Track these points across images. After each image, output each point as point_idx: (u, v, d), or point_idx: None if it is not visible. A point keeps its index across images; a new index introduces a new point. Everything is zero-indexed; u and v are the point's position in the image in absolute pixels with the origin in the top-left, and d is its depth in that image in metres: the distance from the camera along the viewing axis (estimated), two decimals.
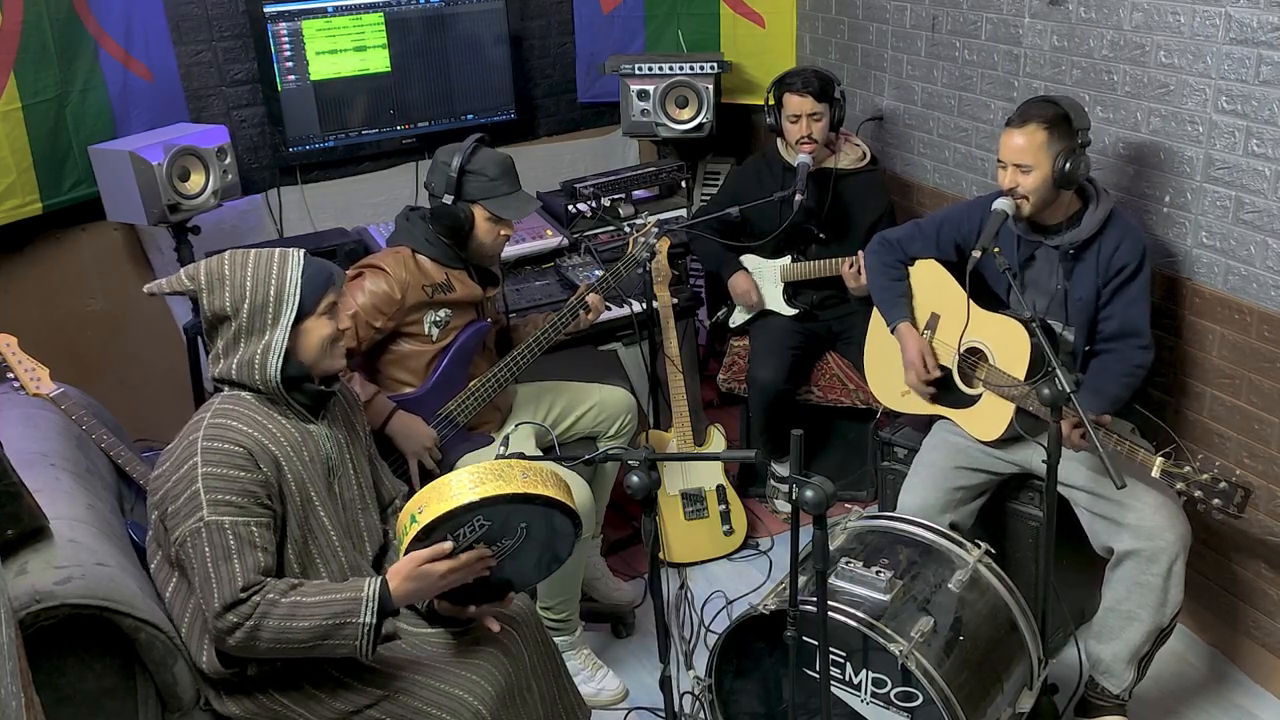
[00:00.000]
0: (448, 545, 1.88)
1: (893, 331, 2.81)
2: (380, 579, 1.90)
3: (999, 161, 2.51)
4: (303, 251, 2.03)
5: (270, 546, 1.89)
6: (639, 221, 3.13)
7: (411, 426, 2.61)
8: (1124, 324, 2.54)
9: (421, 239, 2.65)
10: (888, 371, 2.90)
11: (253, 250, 2.02)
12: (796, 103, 3.25)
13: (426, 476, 2.55)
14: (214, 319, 1.97)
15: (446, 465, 2.66)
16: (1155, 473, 2.26)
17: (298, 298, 1.97)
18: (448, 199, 2.58)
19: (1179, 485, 2.23)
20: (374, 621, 1.87)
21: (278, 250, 2.01)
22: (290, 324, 1.96)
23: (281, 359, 1.95)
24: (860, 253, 3.21)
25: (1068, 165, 2.42)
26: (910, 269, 2.86)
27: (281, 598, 1.84)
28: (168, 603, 1.97)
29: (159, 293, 2.04)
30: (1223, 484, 2.18)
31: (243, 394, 1.99)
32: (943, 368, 2.75)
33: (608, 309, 3.31)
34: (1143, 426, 2.66)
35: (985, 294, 2.66)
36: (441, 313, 2.66)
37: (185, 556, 1.87)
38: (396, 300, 2.57)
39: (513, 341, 2.88)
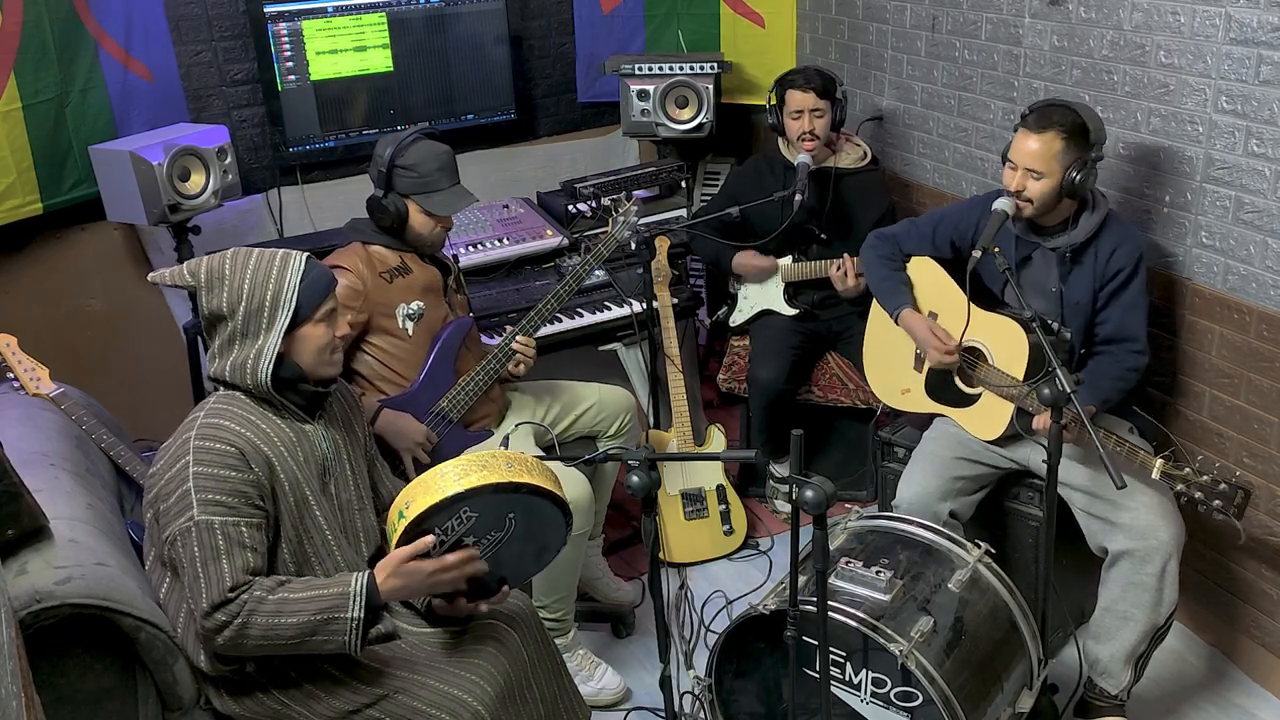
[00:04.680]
0: (430, 539, 1.87)
1: (896, 321, 2.79)
2: (367, 574, 1.90)
3: (1008, 161, 2.51)
4: (305, 255, 2.01)
5: (260, 547, 1.89)
6: (623, 202, 3.09)
7: (399, 423, 2.61)
8: (1119, 328, 2.54)
9: (368, 231, 2.70)
10: (888, 368, 2.90)
11: (255, 250, 2.00)
12: (799, 98, 3.25)
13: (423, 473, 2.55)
14: (211, 318, 1.97)
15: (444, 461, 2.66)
16: (1155, 474, 2.26)
17: (293, 304, 1.95)
18: (379, 193, 2.63)
19: (1178, 487, 2.23)
20: (361, 616, 1.86)
21: (279, 252, 2.00)
22: (284, 330, 1.95)
23: (273, 364, 1.95)
24: (846, 256, 3.22)
25: (1078, 178, 2.43)
26: (907, 266, 2.86)
27: (269, 595, 1.84)
28: (162, 603, 1.97)
29: (160, 283, 2.03)
30: (1222, 485, 2.18)
31: (237, 393, 1.99)
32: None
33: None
34: (1141, 427, 2.66)
35: (981, 293, 2.65)
36: (414, 305, 2.67)
37: (175, 555, 1.87)
38: (361, 292, 2.60)
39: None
